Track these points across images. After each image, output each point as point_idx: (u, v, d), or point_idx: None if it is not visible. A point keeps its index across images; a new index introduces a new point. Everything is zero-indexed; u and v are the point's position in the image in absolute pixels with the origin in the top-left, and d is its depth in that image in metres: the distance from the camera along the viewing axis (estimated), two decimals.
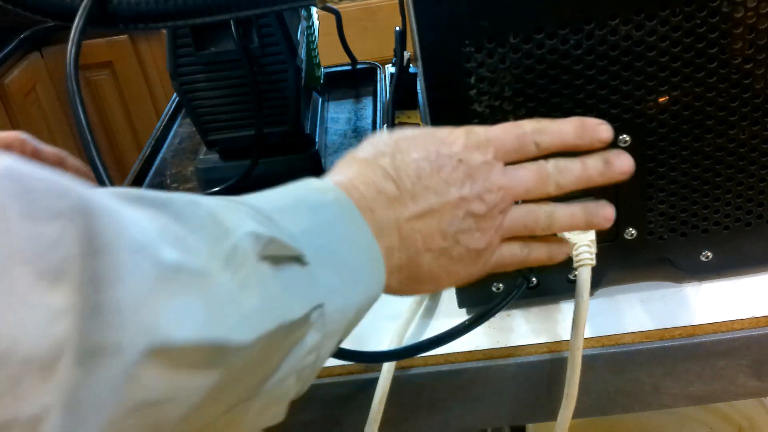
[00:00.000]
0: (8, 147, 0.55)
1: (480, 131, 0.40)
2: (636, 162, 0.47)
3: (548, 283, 0.52)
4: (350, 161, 0.39)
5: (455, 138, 0.39)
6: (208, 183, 0.74)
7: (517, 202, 0.40)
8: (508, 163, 0.40)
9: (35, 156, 0.56)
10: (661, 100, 0.45)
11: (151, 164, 0.81)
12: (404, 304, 0.54)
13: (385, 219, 0.37)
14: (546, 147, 0.40)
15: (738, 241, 0.51)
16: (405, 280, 0.38)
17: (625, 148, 0.47)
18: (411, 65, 0.76)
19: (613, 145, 0.46)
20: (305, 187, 0.36)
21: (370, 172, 0.38)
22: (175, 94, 0.94)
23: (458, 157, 0.38)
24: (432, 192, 0.38)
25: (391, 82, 0.77)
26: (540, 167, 0.40)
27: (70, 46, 0.45)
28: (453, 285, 0.41)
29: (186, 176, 0.78)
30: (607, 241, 0.50)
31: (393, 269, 0.37)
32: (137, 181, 0.77)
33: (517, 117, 0.45)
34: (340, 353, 0.47)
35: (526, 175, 0.39)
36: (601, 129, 0.40)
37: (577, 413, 0.49)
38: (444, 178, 0.38)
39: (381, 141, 0.40)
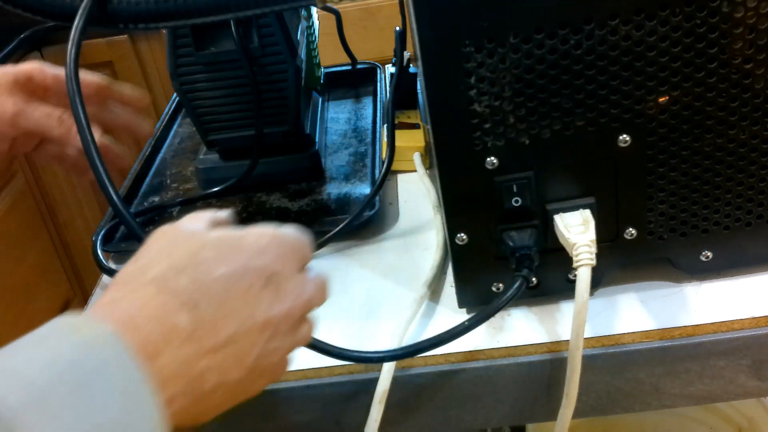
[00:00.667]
0: (29, 78, 0.57)
1: (289, 236, 0.38)
2: (636, 162, 0.47)
3: (548, 283, 0.52)
4: (140, 281, 0.33)
5: (265, 246, 0.36)
6: (208, 183, 0.74)
7: None
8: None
9: (56, 82, 0.58)
10: (661, 100, 0.45)
11: (151, 164, 0.81)
12: (404, 304, 0.54)
13: (172, 362, 0.31)
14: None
15: (738, 241, 0.51)
16: (185, 420, 0.33)
17: (625, 148, 0.47)
18: (411, 65, 0.76)
19: (614, 145, 0.47)
20: (76, 345, 0.29)
21: (162, 300, 0.32)
22: (175, 94, 0.94)
23: (269, 272, 0.35)
24: (236, 317, 0.34)
25: (391, 82, 0.77)
26: (320, 280, 0.39)
27: (70, 46, 0.45)
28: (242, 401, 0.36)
29: (186, 176, 0.78)
30: (607, 241, 0.50)
31: (173, 415, 0.31)
32: (137, 181, 0.77)
33: (517, 117, 0.45)
34: (341, 353, 0.47)
35: (317, 284, 0.38)
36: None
37: (577, 413, 0.49)
38: (252, 299, 0.34)
39: (179, 251, 0.35)
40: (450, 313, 0.54)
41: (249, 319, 0.34)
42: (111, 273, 0.64)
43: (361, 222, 0.64)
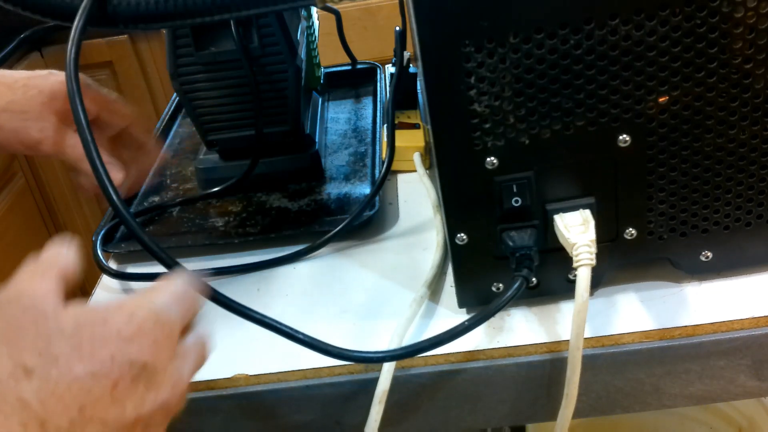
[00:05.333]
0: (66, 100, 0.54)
1: (165, 314, 0.32)
2: (636, 162, 0.47)
3: (548, 283, 0.52)
4: None
5: (135, 331, 0.30)
6: (208, 183, 0.74)
7: None
8: None
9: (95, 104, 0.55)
10: (661, 100, 0.45)
11: None
12: (404, 303, 0.54)
13: None
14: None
15: (738, 241, 0.51)
16: None
17: (625, 148, 0.47)
18: (411, 65, 0.76)
19: (614, 144, 0.47)
20: None
21: None
22: (175, 94, 0.94)
23: (140, 364, 0.29)
24: (99, 422, 0.28)
25: (391, 82, 0.77)
26: (199, 345, 0.34)
27: (70, 46, 0.45)
28: None
29: (186, 176, 0.78)
30: (607, 241, 0.50)
31: None
32: None
33: (517, 117, 0.45)
34: (340, 353, 0.47)
35: (194, 361, 0.33)
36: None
37: (577, 413, 0.49)
38: (119, 396, 0.29)
39: (26, 340, 0.28)
40: (450, 313, 0.54)
41: (116, 420, 0.28)
42: (111, 273, 0.63)
43: (361, 222, 0.64)
